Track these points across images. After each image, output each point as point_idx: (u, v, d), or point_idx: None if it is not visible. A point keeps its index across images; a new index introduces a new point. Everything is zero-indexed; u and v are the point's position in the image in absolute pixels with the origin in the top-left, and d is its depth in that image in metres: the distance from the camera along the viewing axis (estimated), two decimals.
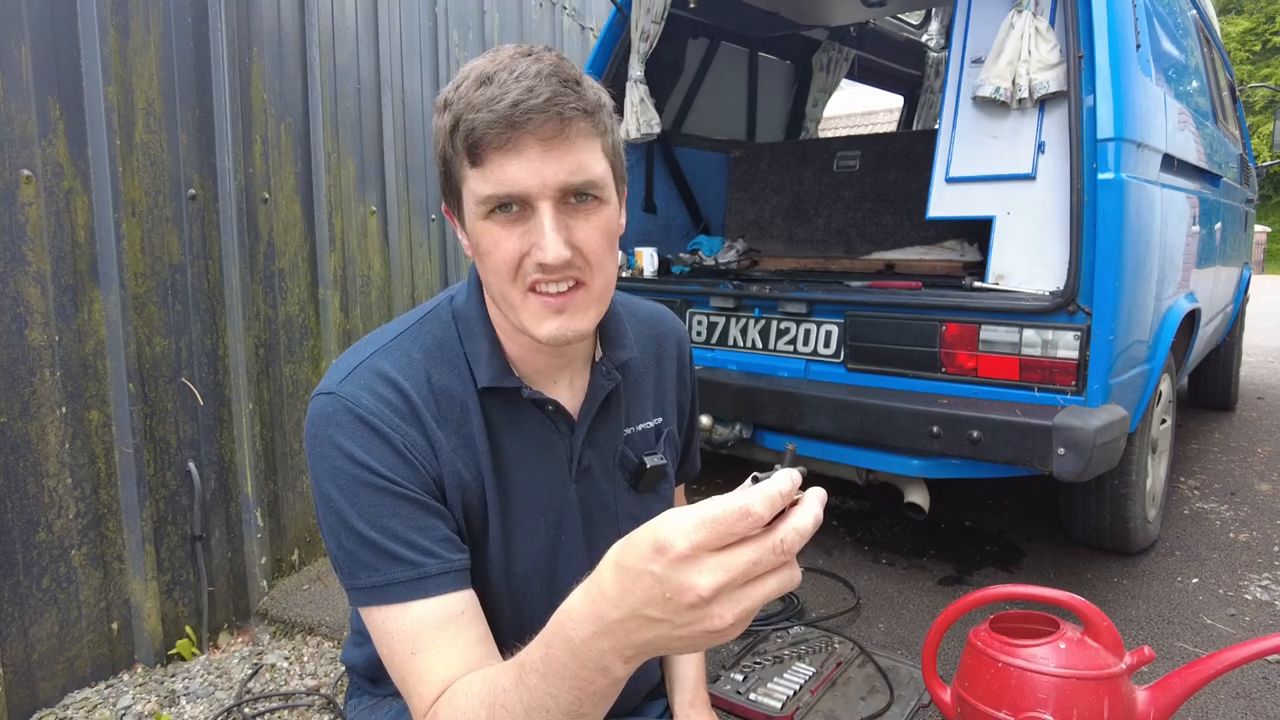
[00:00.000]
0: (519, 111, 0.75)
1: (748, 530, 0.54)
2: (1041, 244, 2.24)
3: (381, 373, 0.87)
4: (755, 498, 0.54)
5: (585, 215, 0.81)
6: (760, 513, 0.53)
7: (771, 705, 1.89)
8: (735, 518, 0.53)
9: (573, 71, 0.80)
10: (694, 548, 0.53)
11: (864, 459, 2.48)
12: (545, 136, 0.77)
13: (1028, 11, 2.28)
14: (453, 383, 0.89)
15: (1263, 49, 20.25)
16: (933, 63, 5.16)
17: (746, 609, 0.55)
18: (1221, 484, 3.51)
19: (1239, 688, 1.99)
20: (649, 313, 1.11)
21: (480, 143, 0.77)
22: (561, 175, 0.78)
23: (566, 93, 0.77)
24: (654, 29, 3.23)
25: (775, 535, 0.54)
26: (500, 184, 0.78)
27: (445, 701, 0.76)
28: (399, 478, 0.83)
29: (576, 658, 0.61)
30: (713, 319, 2.82)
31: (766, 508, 0.54)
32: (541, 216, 0.79)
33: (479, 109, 0.76)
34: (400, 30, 3.17)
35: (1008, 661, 1.40)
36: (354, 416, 0.83)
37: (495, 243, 0.81)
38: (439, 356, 0.90)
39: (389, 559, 0.81)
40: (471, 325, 0.92)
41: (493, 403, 0.91)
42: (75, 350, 2.04)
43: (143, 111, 2.17)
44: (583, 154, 0.79)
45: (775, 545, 0.54)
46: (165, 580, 2.28)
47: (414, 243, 3.30)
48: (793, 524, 0.54)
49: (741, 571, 0.54)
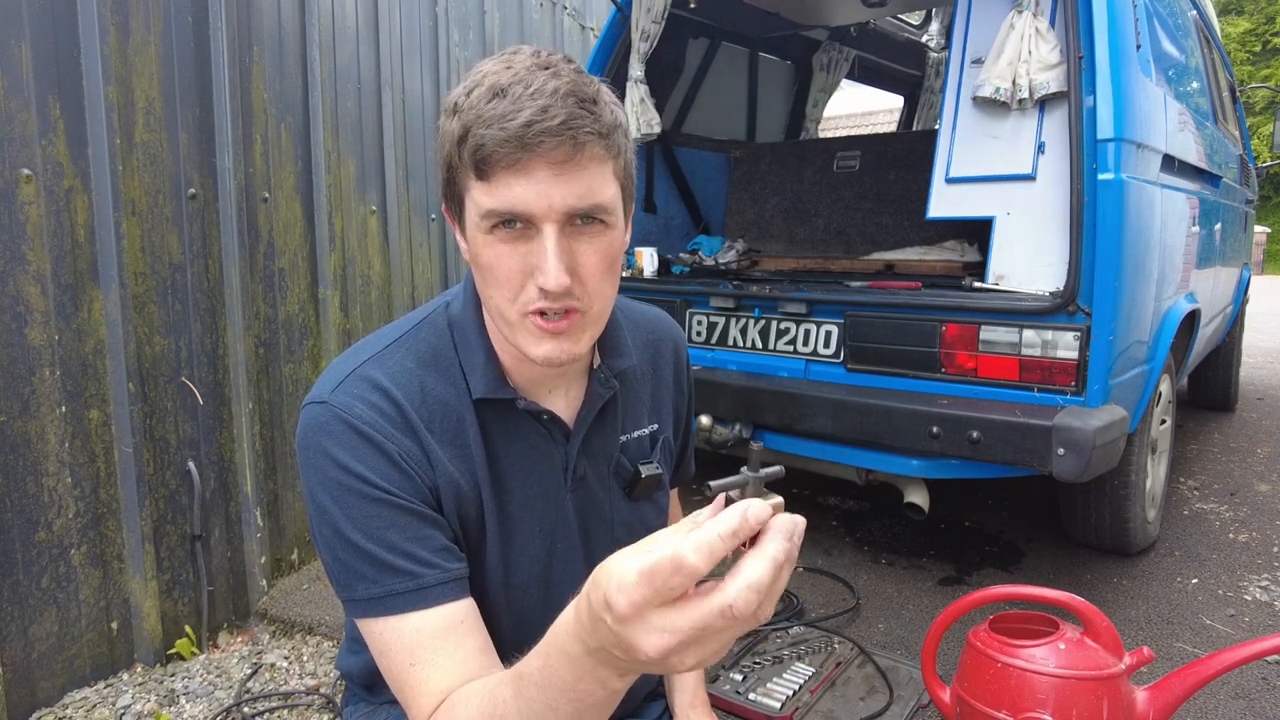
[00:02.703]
0: (531, 133, 0.72)
1: (686, 584, 0.50)
2: (1041, 244, 2.24)
3: (374, 381, 0.85)
4: (689, 547, 0.49)
5: (589, 239, 0.78)
6: (695, 564, 0.49)
7: (771, 705, 1.89)
8: (669, 572, 0.49)
9: (590, 89, 0.76)
10: (633, 607, 0.50)
11: (864, 459, 2.48)
12: (557, 160, 0.74)
13: (1028, 12, 2.28)
14: (448, 392, 0.88)
15: (1263, 50, 20.25)
16: (933, 63, 5.16)
17: (708, 654, 0.52)
18: (1221, 484, 3.51)
19: (1238, 688, 1.99)
20: (647, 318, 1.09)
21: (489, 160, 0.74)
22: (570, 200, 0.75)
23: (583, 115, 0.74)
24: (654, 29, 3.23)
25: (723, 598, 0.49)
26: (505, 202, 0.75)
27: (444, 712, 0.75)
28: (394, 488, 0.81)
29: (573, 670, 0.59)
30: (713, 319, 2.82)
31: (702, 559, 0.49)
32: (545, 240, 0.76)
33: (490, 124, 0.73)
34: (401, 30, 3.17)
35: (1007, 662, 1.40)
36: (347, 426, 0.81)
37: (496, 258, 0.78)
38: (434, 365, 0.89)
39: (386, 570, 0.80)
40: (467, 334, 0.90)
41: (488, 412, 0.89)
42: (75, 349, 2.04)
43: (143, 111, 2.17)
44: (594, 179, 0.76)
45: (724, 611, 0.49)
46: (165, 580, 2.28)
47: (414, 243, 3.30)
48: (744, 581, 0.49)
49: (688, 635, 0.50)
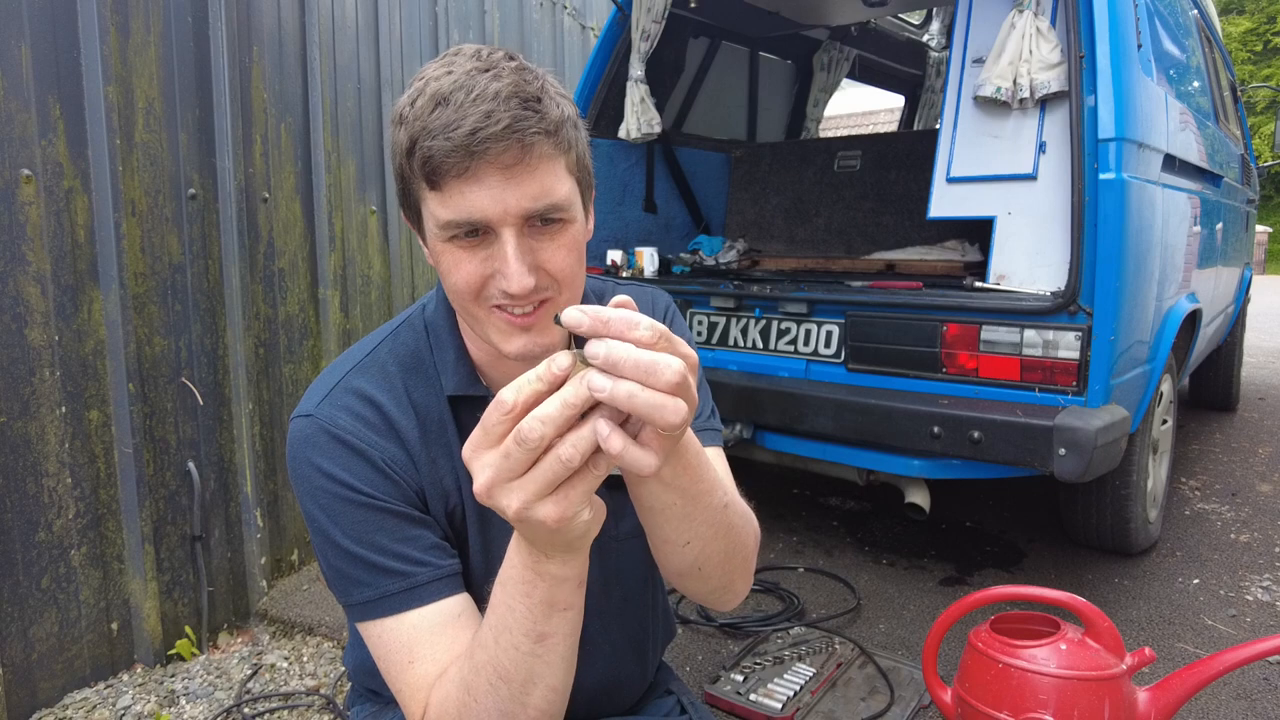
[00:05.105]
0: (477, 140, 0.71)
1: (504, 419, 0.55)
2: (1042, 244, 2.23)
3: (358, 390, 0.87)
4: (507, 388, 0.56)
5: (551, 236, 0.78)
6: (507, 400, 0.55)
7: (772, 706, 1.88)
8: (491, 410, 0.56)
9: (533, 87, 0.74)
10: (470, 446, 0.58)
11: (865, 459, 2.48)
12: (506, 164, 0.73)
13: (1029, 11, 2.27)
14: (428, 394, 0.89)
15: (1264, 49, 20.23)
16: (934, 62, 5.16)
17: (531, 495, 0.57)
18: (1223, 485, 3.50)
19: (1240, 689, 1.99)
20: (630, 293, 1.08)
21: (438, 170, 0.73)
22: (525, 202, 0.74)
23: (527, 115, 0.72)
24: (655, 28, 3.23)
25: (516, 428, 0.55)
26: (461, 211, 0.74)
27: (437, 685, 0.77)
28: (379, 493, 0.83)
29: (516, 551, 0.67)
30: (713, 319, 2.82)
31: (510, 393, 0.55)
32: (505, 244, 0.75)
33: (435, 134, 0.72)
34: (401, 29, 3.17)
35: (1008, 662, 1.40)
36: (331, 437, 0.83)
37: (457, 264, 0.77)
38: (414, 368, 0.90)
39: (379, 572, 0.81)
40: (440, 334, 0.91)
41: (465, 411, 0.90)
42: (75, 350, 2.04)
43: (143, 111, 2.17)
44: (546, 178, 0.75)
45: (516, 436, 0.55)
46: (165, 580, 2.27)
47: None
48: (534, 413, 0.55)
49: (500, 465, 0.56)
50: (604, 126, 3.39)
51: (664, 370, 0.54)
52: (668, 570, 0.85)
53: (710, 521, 0.76)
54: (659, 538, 0.78)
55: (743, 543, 0.84)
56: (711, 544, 0.78)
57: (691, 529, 0.76)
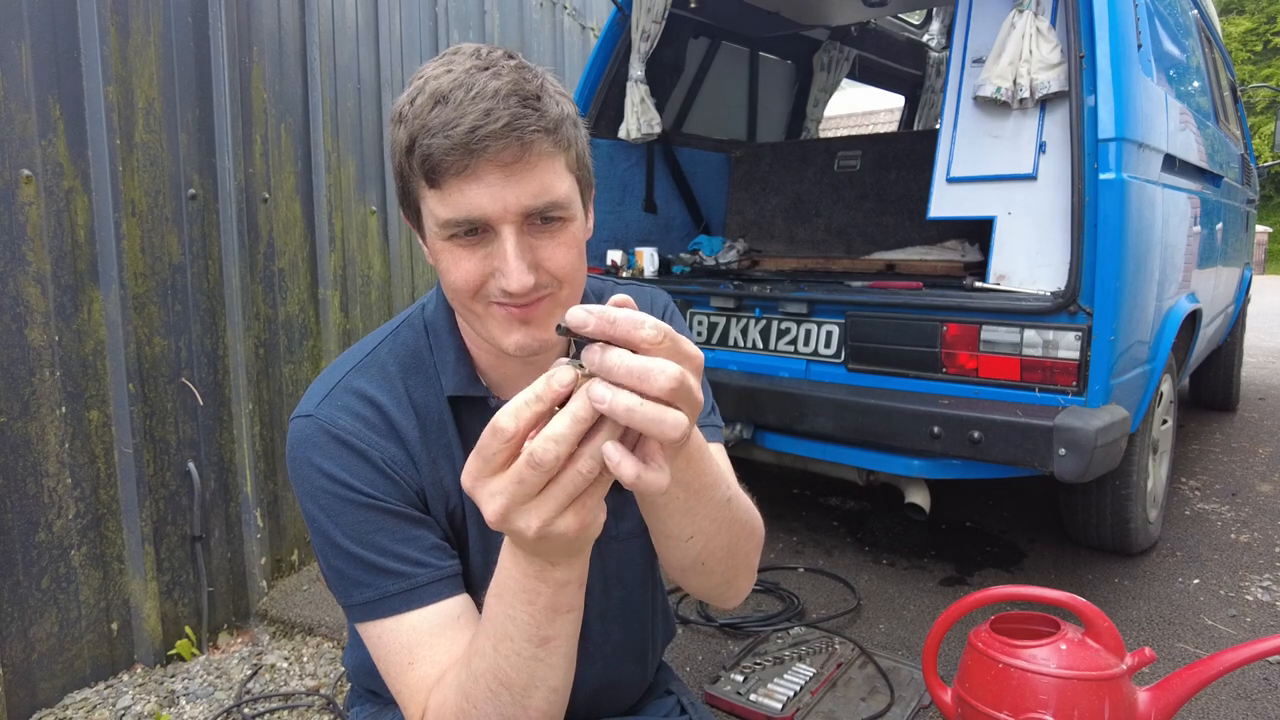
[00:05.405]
0: (476, 138, 0.71)
1: (505, 447, 0.55)
2: (1042, 244, 2.23)
3: (358, 390, 0.86)
4: (503, 412, 0.54)
5: (551, 234, 0.78)
6: (503, 425, 0.54)
7: (772, 706, 1.88)
8: (488, 437, 0.55)
9: (532, 85, 0.75)
10: (469, 477, 0.57)
11: (865, 459, 2.48)
12: (505, 162, 0.73)
13: (1029, 11, 2.27)
14: (428, 395, 0.89)
15: (1264, 49, 20.22)
16: (934, 62, 5.16)
17: (549, 513, 0.56)
18: (1223, 485, 3.50)
19: (1240, 689, 1.99)
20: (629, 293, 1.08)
21: (438, 168, 0.73)
22: (524, 200, 0.74)
23: (527, 113, 0.72)
24: (655, 29, 3.23)
25: (527, 448, 0.54)
26: (460, 209, 0.74)
27: (434, 690, 0.77)
28: (380, 493, 0.82)
29: (515, 563, 0.65)
30: (713, 319, 2.82)
31: (508, 419, 0.54)
32: (504, 242, 0.75)
33: (434, 133, 0.72)
34: (401, 30, 3.17)
35: (1008, 662, 1.40)
36: (331, 437, 0.83)
37: (455, 262, 0.78)
38: (414, 368, 0.90)
39: (379, 573, 0.81)
40: (440, 334, 0.91)
41: (465, 412, 0.90)
42: (75, 350, 2.04)
43: (143, 111, 2.17)
44: (546, 176, 0.75)
45: (528, 459, 0.54)
46: (165, 580, 2.27)
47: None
48: (544, 431, 0.54)
49: (514, 491, 0.55)
50: (604, 126, 3.39)
51: (657, 375, 0.53)
52: (671, 566, 0.85)
53: (713, 516, 0.76)
54: (662, 533, 0.78)
55: (746, 538, 0.84)
56: (715, 539, 0.78)
57: (694, 523, 0.75)
